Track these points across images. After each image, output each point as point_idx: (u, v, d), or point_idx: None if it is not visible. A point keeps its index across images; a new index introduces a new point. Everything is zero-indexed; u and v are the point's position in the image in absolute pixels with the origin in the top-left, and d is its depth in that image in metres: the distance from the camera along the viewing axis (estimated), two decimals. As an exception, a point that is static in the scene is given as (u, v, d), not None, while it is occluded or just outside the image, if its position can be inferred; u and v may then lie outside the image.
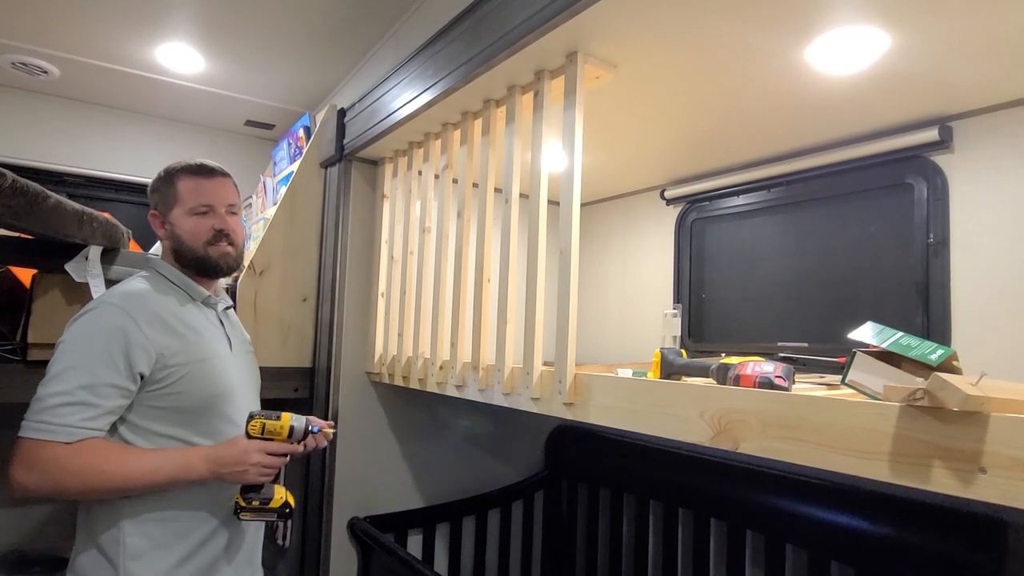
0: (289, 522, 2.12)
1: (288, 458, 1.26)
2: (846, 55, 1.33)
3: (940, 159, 1.65)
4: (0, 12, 2.17)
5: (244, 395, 1.36)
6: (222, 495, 1.27)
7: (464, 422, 2.26)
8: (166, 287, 1.30)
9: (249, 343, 1.51)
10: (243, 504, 1.22)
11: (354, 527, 1.98)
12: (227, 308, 1.45)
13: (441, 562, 2.24)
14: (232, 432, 1.28)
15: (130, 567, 1.15)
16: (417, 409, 2.20)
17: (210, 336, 1.31)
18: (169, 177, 1.34)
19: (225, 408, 1.28)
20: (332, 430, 1.35)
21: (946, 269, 1.61)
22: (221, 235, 1.32)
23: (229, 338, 1.38)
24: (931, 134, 1.61)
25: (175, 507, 1.21)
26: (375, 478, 2.08)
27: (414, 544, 2.15)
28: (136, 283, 1.28)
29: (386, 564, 1.85)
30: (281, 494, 1.26)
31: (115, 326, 1.16)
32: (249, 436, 1.23)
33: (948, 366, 0.85)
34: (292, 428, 1.24)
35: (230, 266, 1.35)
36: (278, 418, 1.24)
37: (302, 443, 1.27)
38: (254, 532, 1.37)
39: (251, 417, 1.24)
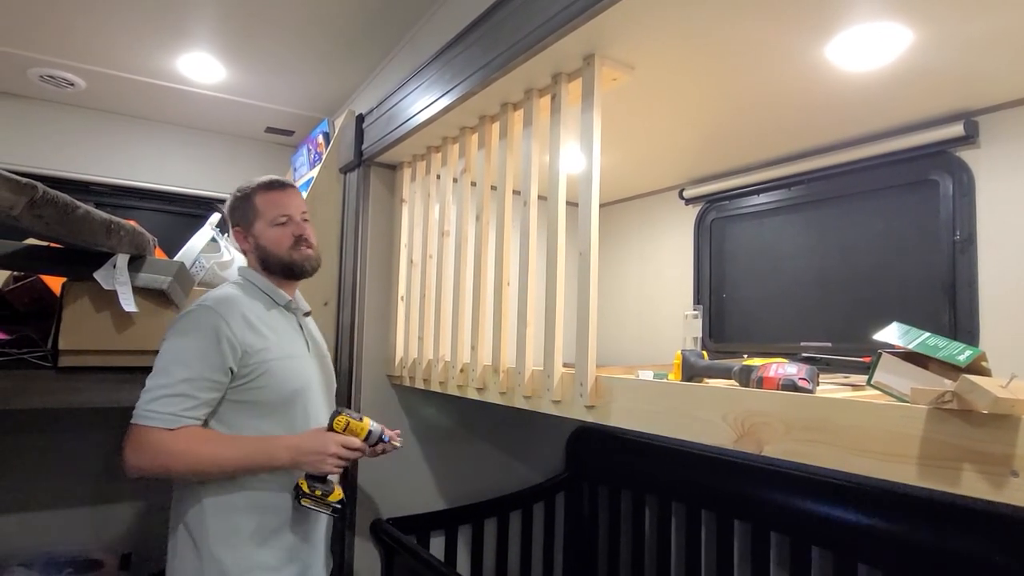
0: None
1: (358, 456, 1.38)
2: (867, 51, 1.31)
3: (966, 154, 1.62)
4: (29, 27, 2.22)
5: (319, 393, 1.48)
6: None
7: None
8: (254, 293, 1.45)
9: (325, 347, 1.63)
10: (306, 491, 1.31)
11: (377, 529, 2.00)
12: (306, 314, 1.58)
13: (463, 564, 2.25)
14: (309, 426, 1.39)
15: (212, 549, 1.28)
16: (438, 411, 2.21)
17: (289, 337, 1.44)
18: (246, 196, 1.48)
19: (303, 404, 1.40)
20: (399, 441, 1.43)
21: (973, 267, 1.58)
22: (301, 240, 1.47)
23: (307, 341, 1.51)
24: (956, 129, 1.58)
25: (255, 493, 1.32)
26: (397, 480, 2.10)
27: (436, 546, 2.17)
28: (229, 289, 1.42)
29: (409, 565, 1.86)
30: (339, 492, 1.36)
31: (210, 325, 1.30)
32: (334, 430, 1.35)
33: (977, 367, 0.83)
34: (370, 431, 1.37)
35: (313, 267, 1.50)
36: (360, 420, 1.37)
37: (373, 448, 1.39)
38: (326, 520, 1.47)
39: (337, 413, 1.36)
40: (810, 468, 1.76)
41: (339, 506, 1.34)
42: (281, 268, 1.46)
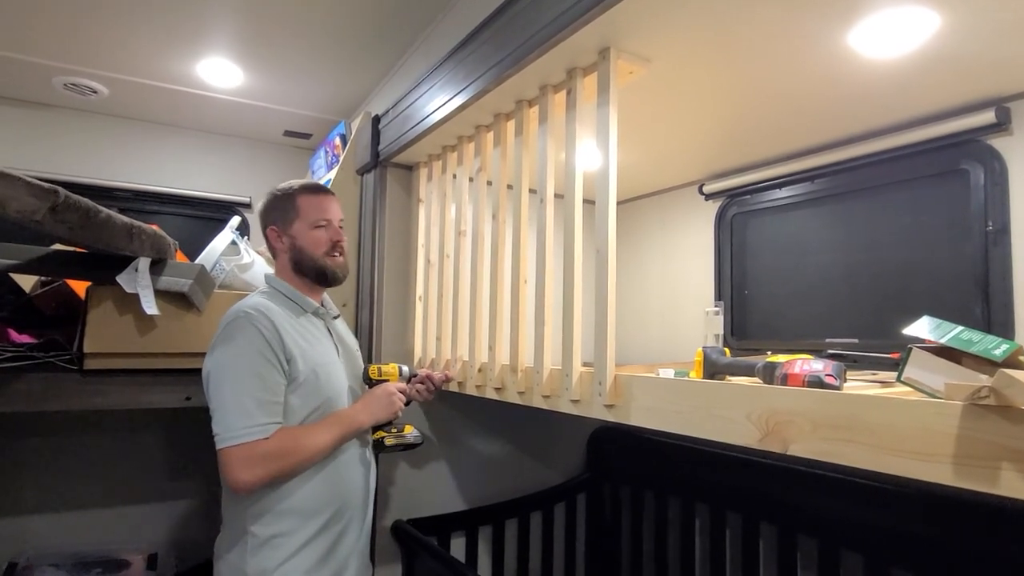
0: None
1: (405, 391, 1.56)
2: (892, 38, 1.27)
3: (997, 142, 1.56)
4: (53, 37, 2.27)
5: (353, 396, 1.52)
6: (333, 493, 1.41)
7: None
8: (282, 301, 1.45)
9: (356, 348, 1.66)
10: (385, 434, 1.53)
11: (397, 530, 2.00)
12: (335, 317, 1.60)
13: (484, 565, 2.24)
14: None
15: (255, 552, 1.32)
16: (457, 412, 2.20)
17: (320, 344, 1.46)
18: (288, 195, 1.49)
19: (335, 408, 1.44)
20: (442, 375, 1.70)
21: (1007, 258, 1.53)
22: (336, 247, 1.49)
23: (336, 345, 1.53)
24: (987, 116, 1.53)
25: (294, 500, 1.35)
26: (417, 481, 2.10)
27: (457, 547, 2.16)
28: (259, 299, 1.42)
29: (429, 567, 1.86)
30: (409, 426, 1.58)
31: (257, 331, 1.32)
32: (371, 379, 1.52)
33: (1014, 361, 0.80)
34: (401, 369, 1.58)
35: (343, 276, 1.53)
36: (387, 364, 1.57)
37: (409, 382, 1.62)
38: (365, 533, 1.51)
39: (367, 366, 1.54)
40: (838, 468, 1.70)
41: (418, 435, 1.58)
42: (315, 272, 1.48)
